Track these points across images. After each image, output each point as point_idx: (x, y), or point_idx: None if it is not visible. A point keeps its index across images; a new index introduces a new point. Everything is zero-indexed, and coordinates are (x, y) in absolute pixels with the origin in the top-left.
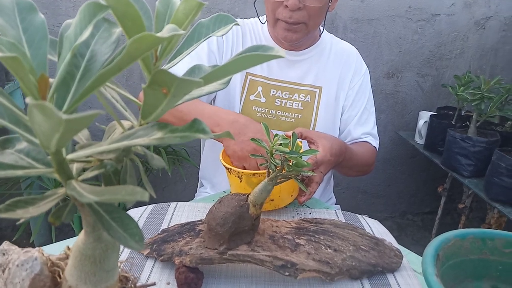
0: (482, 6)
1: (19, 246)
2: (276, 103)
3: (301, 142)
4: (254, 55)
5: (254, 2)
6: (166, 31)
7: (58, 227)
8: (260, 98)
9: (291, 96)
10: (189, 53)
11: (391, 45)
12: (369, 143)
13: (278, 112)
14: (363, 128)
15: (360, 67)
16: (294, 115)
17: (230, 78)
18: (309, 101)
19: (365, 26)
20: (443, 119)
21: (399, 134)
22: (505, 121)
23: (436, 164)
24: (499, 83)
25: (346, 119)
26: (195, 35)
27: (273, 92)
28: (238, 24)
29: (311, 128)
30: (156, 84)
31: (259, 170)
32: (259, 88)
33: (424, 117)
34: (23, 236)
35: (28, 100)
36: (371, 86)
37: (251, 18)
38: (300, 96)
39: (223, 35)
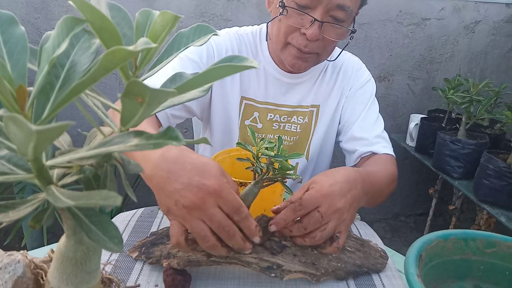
0: (471, 11)
1: (12, 250)
2: (274, 127)
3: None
4: (229, 66)
5: (268, 23)
6: (139, 44)
7: (50, 231)
8: (257, 123)
9: (290, 119)
10: (169, 61)
11: (382, 49)
12: (381, 153)
13: (276, 136)
14: (371, 132)
15: (361, 74)
16: (292, 138)
17: (211, 86)
18: (307, 121)
19: (356, 30)
20: (433, 121)
21: (391, 137)
22: (494, 123)
23: (427, 166)
24: (487, 86)
25: (347, 125)
26: (175, 44)
27: (271, 116)
28: (217, 34)
29: (306, 147)
30: (131, 94)
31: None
32: (256, 114)
33: (415, 119)
34: (15, 240)
35: (1, 112)
36: None
37: (245, 28)
38: (299, 118)
39: (202, 44)
